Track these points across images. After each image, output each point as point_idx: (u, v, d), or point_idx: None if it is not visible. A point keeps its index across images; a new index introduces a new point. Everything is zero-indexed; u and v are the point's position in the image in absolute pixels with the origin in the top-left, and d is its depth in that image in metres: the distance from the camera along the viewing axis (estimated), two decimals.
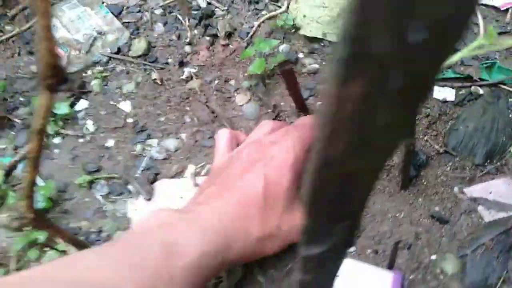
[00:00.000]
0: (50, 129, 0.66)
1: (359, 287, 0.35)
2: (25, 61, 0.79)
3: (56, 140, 0.67)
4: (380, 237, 0.52)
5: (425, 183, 0.56)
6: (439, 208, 0.53)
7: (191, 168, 0.61)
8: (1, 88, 0.72)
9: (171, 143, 0.64)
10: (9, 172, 0.63)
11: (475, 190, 0.54)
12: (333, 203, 0.18)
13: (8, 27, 0.83)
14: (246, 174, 0.46)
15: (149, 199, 0.58)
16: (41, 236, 0.54)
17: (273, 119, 0.65)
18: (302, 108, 0.63)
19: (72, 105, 0.70)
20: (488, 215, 0.52)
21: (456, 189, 0.55)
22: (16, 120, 0.70)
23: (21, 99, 0.73)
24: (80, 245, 0.45)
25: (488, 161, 0.56)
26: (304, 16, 0.74)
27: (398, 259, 0.51)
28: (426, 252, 0.51)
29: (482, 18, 0.71)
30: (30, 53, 0.80)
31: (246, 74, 0.71)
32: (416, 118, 0.54)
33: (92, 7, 0.85)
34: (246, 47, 0.74)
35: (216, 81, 0.71)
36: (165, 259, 0.35)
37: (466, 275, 0.47)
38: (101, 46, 0.79)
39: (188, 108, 0.68)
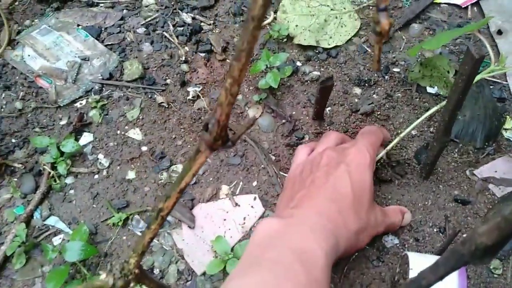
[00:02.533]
0: (61, 170, 0.62)
1: None
2: (3, 98, 0.72)
3: (69, 180, 0.64)
4: (417, 226, 0.59)
5: (440, 170, 0.63)
6: (458, 191, 0.61)
7: (225, 189, 0.62)
8: None
9: None
10: (27, 223, 0.59)
11: (483, 171, 0.62)
12: None
13: None
14: (331, 176, 0.50)
15: (193, 227, 0.58)
16: None
17: (291, 129, 0.67)
18: (320, 117, 0.66)
19: (75, 140, 0.66)
20: (499, 191, 0.60)
21: (467, 172, 0.63)
22: (15, 164, 0.64)
23: (14, 140, 0.67)
24: None
25: (487, 143, 0.65)
26: (296, 25, 0.77)
27: (436, 242, 0.57)
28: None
29: (448, 16, 0.80)
30: (7, 88, 0.73)
31: (252, 88, 0.72)
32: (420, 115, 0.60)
33: (68, 31, 0.80)
34: None
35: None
36: (306, 268, 0.38)
37: None
38: (88, 73, 0.75)
39: None
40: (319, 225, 0.44)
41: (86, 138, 0.68)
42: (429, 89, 0.71)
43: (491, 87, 0.71)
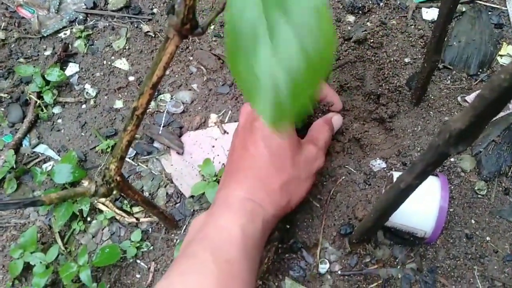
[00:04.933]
0: (48, 99, 0.61)
1: (415, 193, 0.41)
2: None
3: (56, 109, 0.63)
4: (405, 150, 0.59)
5: (432, 97, 0.62)
6: (449, 117, 0.60)
7: (213, 117, 0.61)
8: None
9: (185, 95, 0.63)
10: (16, 150, 0.59)
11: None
12: None
13: None
14: (247, 141, 0.48)
15: (182, 153, 0.58)
16: (84, 207, 0.53)
17: None
18: None
19: (61, 70, 0.64)
20: None
21: (459, 98, 0.62)
22: (1, 94, 0.64)
23: None
24: (154, 207, 0.45)
25: (480, 70, 0.64)
26: None
27: None
28: None
29: None
30: None
31: None
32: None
33: None
34: None
35: (212, 27, 0.70)
36: (217, 253, 0.38)
37: (483, 168, 0.56)
38: (71, 2, 0.72)
39: (191, 58, 0.67)
40: (236, 200, 0.43)
41: (72, 68, 0.67)
42: (425, 15, 0.69)
43: (489, 12, 0.69)
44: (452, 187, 0.56)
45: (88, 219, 0.55)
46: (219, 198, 0.45)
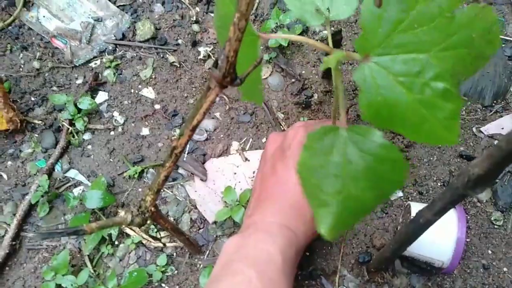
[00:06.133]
0: (79, 126, 0.65)
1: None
2: (21, 58, 0.74)
3: (86, 136, 0.67)
4: (421, 180, 0.60)
5: None
6: (464, 148, 0.62)
7: (235, 145, 0.64)
8: (7, 89, 0.68)
9: (208, 123, 0.66)
10: (49, 175, 0.62)
11: (490, 128, 0.63)
12: None
13: None
14: (278, 169, 0.50)
15: (205, 180, 0.60)
16: (113, 231, 0.55)
17: (300, 88, 0.68)
18: (329, 75, 0.67)
19: (91, 98, 0.68)
20: None
21: (474, 129, 0.64)
22: (35, 121, 0.67)
23: (33, 98, 0.70)
24: (181, 234, 0.47)
25: (495, 101, 0.65)
26: None
27: None
28: None
29: None
30: (24, 48, 0.75)
31: (262, 47, 0.73)
32: None
33: None
34: (253, 21, 0.76)
35: None
36: (260, 271, 0.40)
37: (499, 199, 0.57)
38: (102, 34, 0.77)
39: None
40: (274, 226, 0.45)
41: (102, 96, 0.70)
42: None
43: (503, 45, 0.71)
44: (469, 217, 0.57)
45: (116, 242, 0.57)
46: (255, 223, 0.47)
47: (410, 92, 0.32)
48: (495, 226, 0.56)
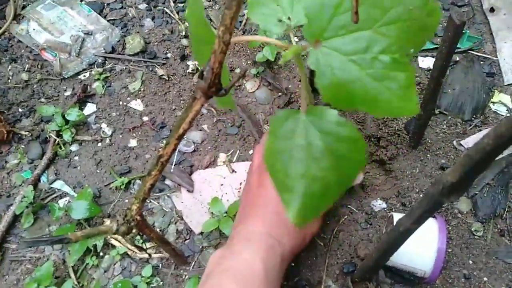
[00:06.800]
0: (66, 137, 0.65)
1: (414, 234, 0.43)
2: (10, 70, 0.74)
3: (74, 147, 0.67)
4: (404, 191, 0.62)
5: (429, 141, 0.66)
6: (445, 160, 0.64)
7: (222, 157, 0.65)
8: None
9: (196, 135, 0.67)
10: (34, 186, 0.62)
11: (469, 141, 0.65)
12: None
13: None
14: (264, 177, 0.51)
15: (192, 191, 0.61)
16: (99, 242, 0.55)
17: (286, 102, 0.70)
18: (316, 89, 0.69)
19: (80, 110, 0.68)
20: None
21: (454, 142, 0.65)
22: (22, 132, 0.67)
23: (20, 110, 0.70)
24: (167, 244, 0.47)
25: (474, 116, 0.67)
26: None
27: None
28: None
29: None
30: (13, 60, 0.76)
31: (250, 62, 0.75)
32: None
33: (71, 7, 0.82)
34: (242, 35, 0.78)
35: None
36: (241, 282, 0.40)
37: (479, 210, 0.58)
38: (91, 47, 0.77)
39: None
40: (257, 235, 0.45)
41: (90, 108, 0.71)
42: (421, 64, 0.73)
43: (481, 62, 0.73)
44: (450, 228, 0.59)
45: (101, 253, 0.57)
46: (239, 233, 0.47)
47: (361, 68, 0.34)
48: (476, 237, 0.57)
